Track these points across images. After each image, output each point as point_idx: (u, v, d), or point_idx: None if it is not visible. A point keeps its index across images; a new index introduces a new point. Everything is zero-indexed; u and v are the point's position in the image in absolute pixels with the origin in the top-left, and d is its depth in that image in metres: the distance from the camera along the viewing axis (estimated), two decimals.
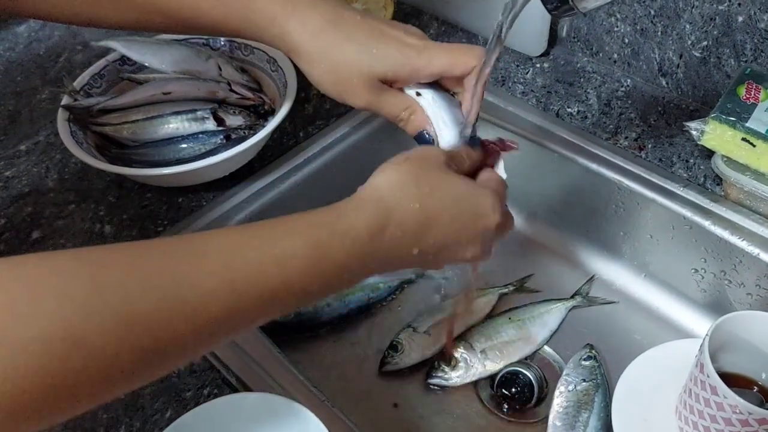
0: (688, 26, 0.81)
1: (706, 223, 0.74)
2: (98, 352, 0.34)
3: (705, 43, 0.81)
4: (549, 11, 0.53)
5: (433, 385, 0.75)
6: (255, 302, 0.41)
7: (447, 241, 0.51)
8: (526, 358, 0.78)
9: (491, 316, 0.82)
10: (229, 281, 0.40)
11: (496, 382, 0.76)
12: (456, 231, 0.51)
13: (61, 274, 0.36)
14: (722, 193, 0.76)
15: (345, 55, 0.57)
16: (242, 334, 0.43)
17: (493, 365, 0.76)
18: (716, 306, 0.77)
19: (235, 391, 0.63)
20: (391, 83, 0.59)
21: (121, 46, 0.86)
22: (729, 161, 0.72)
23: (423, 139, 0.60)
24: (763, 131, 0.70)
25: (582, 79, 0.92)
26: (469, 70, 0.58)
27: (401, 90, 0.60)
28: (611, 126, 0.85)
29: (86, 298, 0.35)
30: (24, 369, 0.32)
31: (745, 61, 0.79)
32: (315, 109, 0.91)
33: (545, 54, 0.96)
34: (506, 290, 0.84)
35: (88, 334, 0.34)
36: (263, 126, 0.79)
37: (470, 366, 0.75)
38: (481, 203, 0.52)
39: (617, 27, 0.88)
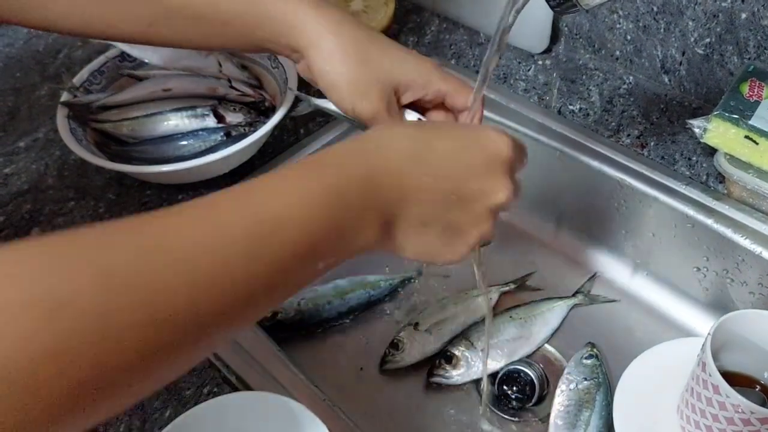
0: (690, 23, 0.81)
1: (709, 221, 0.74)
2: (88, 310, 0.32)
3: (708, 40, 0.81)
4: (551, 8, 0.53)
5: (434, 383, 0.75)
6: (293, 249, 0.39)
7: (455, 169, 0.47)
8: (527, 357, 0.77)
9: (493, 314, 0.81)
10: (249, 235, 0.37)
11: (497, 381, 0.76)
12: (462, 155, 0.48)
13: (44, 244, 0.34)
14: (725, 191, 0.75)
15: (368, 53, 0.56)
16: (267, 305, 0.40)
17: (494, 363, 0.76)
18: (718, 304, 0.77)
19: (235, 389, 0.63)
20: (400, 95, 0.58)
21: (121, 43, 0.86)
22: (732, 159, 0.72)
23: None
24: (767, 129, 0.69)
25: (584, 77, 0.91)
26: (463, 107, 0.58)
27: (402, 109, 0.59)
28: (613, 123, 0.84)
29: (69, 256, 0.33)
30: (14, 333, 0.30)
31: (749, 59, 0.79)
32: None
33: (547, 51, 0.96)
34: (507, 288, 0.84)
35: (74, 294, 0.32)
36: (264, 123, 0.79)
37: (471, 364, 0.75)
38: (485, 134, 0.49)
39: (620, 24, 0.88)
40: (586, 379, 0.72)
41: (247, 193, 0.40)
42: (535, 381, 0.75)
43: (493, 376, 0.76)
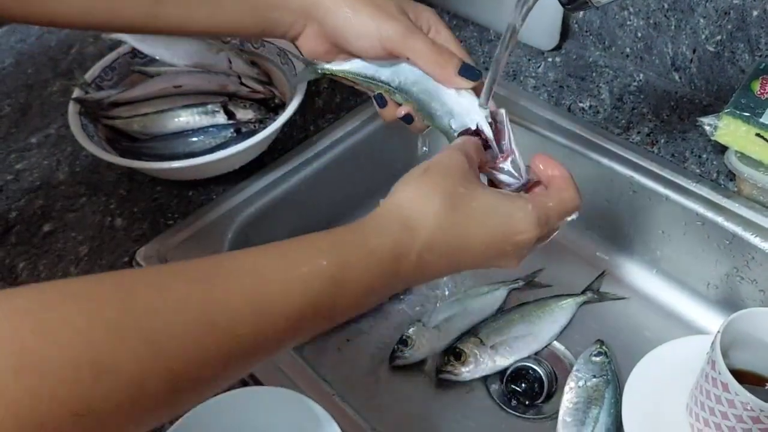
0: (702, 20, 0.81)
1: (719, 219, 0.74)
2: (127, 376, 0.33)
3: (719, 37, 0.81)
4: (562, 5, 0.53)
5: (443, 379, 0.75)
6: (282, 324, 0.40)
7: (480, 262, 0.49)
8: (536, 354, 0.77)
9: (501, 311, 0.81)
10: (257, 303, 0.39)
11: (506, 378, 0.76)
12: (489, 250, 0.49)
13: (90, 296, 0.35)
14: (735, 189, 0.75)
15: None
16: (271, 357, 0.42)
17: (503, 360, 0.76)
18: (728, 302, 0.77)
19: (246, 384, 0.63)
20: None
21: (132, 39, 0.86)
22: (742, 157, 0.72)
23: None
24: None
25: (594, 74, 0.91)
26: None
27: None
28: (623, 121, 0.84)
29: (116, 321, 0.34)
30: (51, 395, 0.31)
31: (760, 56, 0.78)
32: (325, 102, 0.91)
33: (557, 48, 0.95)
34: (516, 285, 0.84)
35: (118, 359, 0.33)
36: (273, 119, 0.79)
37: (480, 361, 0.75)
38: (514, 217, 0.49)
39: (630, 21, 0.88)
40: (594, 376, 0.72)
41: (284, 262, 0.42)
42: (544, 378, 0.75)
43: (501, 373, 0.76)
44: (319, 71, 0.64)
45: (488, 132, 0.56)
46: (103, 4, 0.59)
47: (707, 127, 0.73)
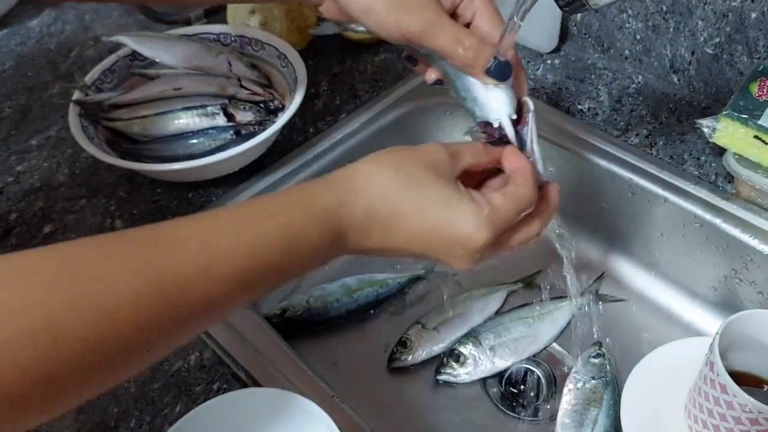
0: (700, 23, 0.81)
1: (717, 221, 0.74)
2: (82, 342, 0.35)
3: (717, 39, 0.81)
4: (560, 8, 0.53)
5: (442, 381, 0.75)
6: (232, 286, 0.41)
7: (421, 250, 0.49)
8: (534, 356, 0.78)
9: (500, 313, 0.82)
10: (206, 267, 0.40)
11: (504, 379, 0.76)
12: (431, 242, 0.48)
13: (43, 268, 0.36)
14: (733, 191, 0.75)
15: None
16: (223, 317, 0.43)
17: (501, 362, 0.76)
18: (726, 304, 0.77)
19: (245, 386, 0.64)
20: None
21: (131, 42, 0.86)
22: (741, 159, 0.72)
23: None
24: None
25: (593, 76, 0.91)
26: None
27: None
28: (622, 123, 0.84)
29: (69, 291, 0.35)
30: (11, 362, 0.32)
31: (758, 58, 0.79)
32: (325, 104, 0.91)
33: (556, 50, 0.96)
34: (515, 287, 0.84)
35: (73, 326, 0.34)
36: (273, 122, 0.79)
37: (479, 363, 0.75)
38: (460, 218, 0.47)
39: (629, 23, 0.88)
40: (593, 378, 0.72)
41: (231, 225, 0.43)
42: (543, 380, 0.75)
43: (500, 374, 0.76)
44: (341, 28, 0.61)
45: (510, 133, 0.54)
46: None
47: (706, 129, 0.73)
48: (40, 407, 0.35)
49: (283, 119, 0.78)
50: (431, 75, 0.58)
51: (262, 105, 0.84)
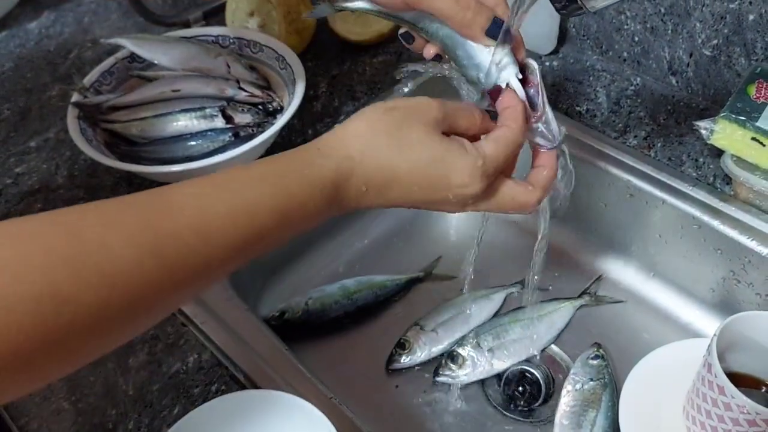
0: (698, 24, 0.81)
1: (715, 223, 0.74)
2: (85, 308, 0.35)
3: (715, 41, 0.81)
4: (557, 10, 0.53)
5: (441, 383, 0.75)
6: (229, 252, 0.42)
7: (413, 202, 0.50)
8: (533, 357, 0.78)
9: (498, 314, 0.82)
10: (204, 234, 0.41)
11: (503, 381, 0.76)
12: (423, 195, 0.49)
13: (45, 234, 0.37)
14: (732, 193, 0.75)
15: None
16: (218, 281, 0.47)
17: (500, 364, 0.76)
18: (725, 306, 0.77)
19: (243, 388, 0.64)
20: None
21: (130, 44, 0.86)
22: (739, 160, 0.72)
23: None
24: None
25: (591, 78, 0.92)
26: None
27: None
28: (620, 125, 0.85)
29: (71, 255, 0.36)
30: (17, 327, 0.33)
31: (756, 60, 0.79)
32: (323, 106, 0.91)
33: (554, 52, 0.96)
34: (513, 289, 0.84)
35: (76, 291, 0.35)
36: (272, 123, 0.79)
37: (477, 364, 0.75)
38: (456, 169, 0.48)
39: (627, 25, 0.88)
40: (592, 379, 0.72)
41: (229, 192, 0.44)
42: (541, 381, 0.75)
43: (499, 376, 0.76)
44: (337, 8, 0.60)
45: (520, 91, 0.53)
46: None
47: (704, 131, 0.73)
48: (45, 369, 0.36)
49: (281, 121, 0.78)
50: (429, 50, 0.57)
51: (260, 107, 0.84)
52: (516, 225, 0.90)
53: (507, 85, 0.53)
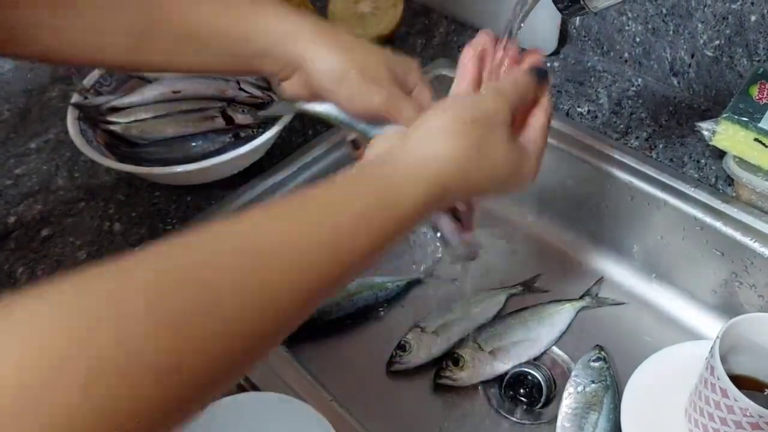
0: (700, 25, 0.81)
1: (718, 224, 0.74)
2: (203, 372, 0.36)
3: (717, 42, 0.81)
4: (560, 10, 0.53)
5: (441, 385, 0.75)
6: (317, 279, 0.44)
7: (479, 193, 0.51)
8: (534, 359, 0.77)
9: (500, 316, 0.81)
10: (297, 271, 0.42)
11: (504, 383, 0.76)
12: (492, 187, 0.50)
13: (165, 298, 0.36)
14: (734, 194, 0.75)
15: (367, 45, 0.57)
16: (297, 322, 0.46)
17: (501, 366, 0.76)
18: (727, 308, 0.77)
19: (243, 390, 0.63)
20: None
21: None
22: (741, 162, 0.72)
23: None
24: None
25: (592, 79, 0.91)
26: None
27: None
28: (622, 126, 0.84)
29: (201, 327, 0.35)
30: (147, 398, 0.32)
31: (758, 61, 0.79)
32: None
33: (555, 53, 0.96)
34: (515, 291, 0.84)
35: (201, 364, 0.35)
36: (272, 124, 0.79)
37: (479, 366, 0.75)
38: (523, 170, 0.50)
39: (628, 26, 0.88)
40: (593, 381, 0.72)
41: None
42: (543, 383, 0.75)
43: (500, 378, 0.76)
44: (297, 109, 0.63)
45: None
46: (92, 41, 0.59)
47: (705, 132, 0.73)
48: (168, 425, 0.36)
49: (281, 122, 0.78)
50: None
51: (261, 108, 0.84)
52: (518, 226, 0.90)
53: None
